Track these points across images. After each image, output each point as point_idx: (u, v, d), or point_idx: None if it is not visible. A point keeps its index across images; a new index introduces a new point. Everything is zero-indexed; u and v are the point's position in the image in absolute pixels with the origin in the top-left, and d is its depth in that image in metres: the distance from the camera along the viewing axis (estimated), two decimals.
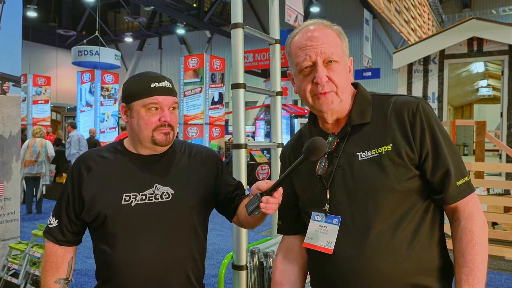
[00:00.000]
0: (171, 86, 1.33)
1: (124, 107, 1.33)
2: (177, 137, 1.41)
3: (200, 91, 11.08)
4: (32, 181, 7.27)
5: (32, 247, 3.57)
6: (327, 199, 1.15)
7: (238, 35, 2.17)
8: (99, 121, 14.50)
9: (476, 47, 6.57)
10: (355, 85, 1.24)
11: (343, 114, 1.18)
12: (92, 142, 10.58)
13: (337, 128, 1.20)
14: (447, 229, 1.19)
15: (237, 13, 2.18)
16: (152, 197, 1.31)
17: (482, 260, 1.06)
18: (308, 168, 1.20)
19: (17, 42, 4.00)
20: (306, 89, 1.15)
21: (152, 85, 1.28)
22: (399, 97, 1.17)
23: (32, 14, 23.38)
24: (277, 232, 1.37)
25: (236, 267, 2.17)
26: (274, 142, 2.51)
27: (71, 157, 7.66)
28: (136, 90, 1.29)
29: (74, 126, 7.99)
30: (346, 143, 1.15)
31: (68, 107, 24.44)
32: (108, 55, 17.12)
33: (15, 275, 3.70)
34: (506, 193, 5.87)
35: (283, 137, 2.53)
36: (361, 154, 1.12)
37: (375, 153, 1.10)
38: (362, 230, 1.09)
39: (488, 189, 5.95)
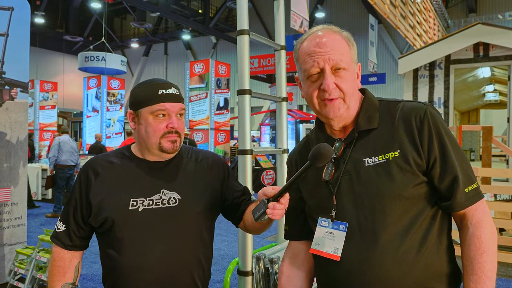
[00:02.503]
0: (178, 93, 1.34)
1: (132, 114, 1.34)
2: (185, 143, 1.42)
3: (206, 97, 11.12)
4: None
5: (38, 252, 3.59)
6: (334, 205, 1.15)
7: (243, 41, 2.18)
8: (105, 126, 14.59)
9: (482, 52, 6.55)
10: (362, 91, 1.24)
11: (350, 120, 1.18)
12: (98, 147, 10.64)
13: (344, 134, 1.20)
14: (455, 235, 1.19)
15: (242, 20, 2.20)
16: (159, 202, 1.32)
17: (491, 267, 1.05)
18: (315, 173, 1.20)
19: (25, 49, 4.05)
20: (313, 95, 1.15)
21: (160, 92, 1.29)
22: (406, 103, 1.16)
23: (39, 20, 23.64)
24: (284, 238, 1.37)
25: (242, 273, 2.16)
26: (279, 148, 2.51)
27: (48, 161, 7.69)
28: (143, 97, 1.30)
29: (64, 131, 7.96)
30: (353, 148, 1.15)
31: (75, 113, 24.62)
32: (114, 60, 17.26)
33: (22, 280, 3.71)
34: None
35: (289, 142, 2.53)
36: (368, 160, 1.12)
37: (382, 159, 1.10)
38: (370, 236, 1.08)
39: (495, 195, 5.90)
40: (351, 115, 1.17)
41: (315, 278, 1.29)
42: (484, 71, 9.42)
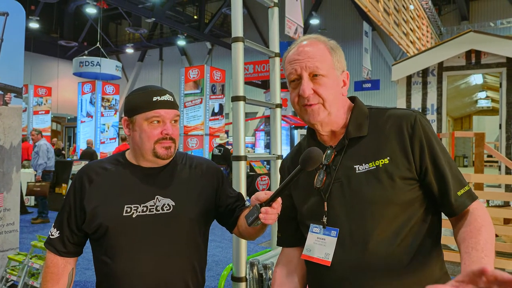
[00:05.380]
0: (172, 100, 1.35)
1: (127, 121, 1.35)
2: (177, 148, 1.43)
3: (201, 102, 11.14)
4: None
5: (31, 258, 3.56)
6: (325, 211, 1.16)
7: (238, 48, 2.20)
8: (99, 131, 14.54)
9: (474, 60, 6.63)
10: (352, 98, 1.26)
11: (338, 127, 1.20)
12: (89, 152, 10.62)
13: (334, 141, 1.22)
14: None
15: (237, 27, 2.21)
16: (153, 208, 1.32)
17: (489, 236, 1.01)
18: (306, 180, 1.21)
19: (20, 54, 4.04)
20: (295, 101, 1.19)
21: (154, 98, 1.30)
22: (396, 110, 1.19)
23: (34, 25, 23.56)
24: (277, 244, 1.38)
25: (236, 279, 2.17)
26: (273, 154, 2.52)
27: (38, 168, 7.35)
28: (138, 104, 1.31)
29: (42, 135, 7.84)
30: (344, 156, 1.17)
31: (69, 118, 24.51)
32: (109, 66, 17.25)
33: (14, 286, 3.68)
34: (505, 204, 5.87)
35: (283, 148, 2.55)
36: (358, 167, 1.13)
37: (372, 166, 1.12)
38: (360, 242, 1.10)
39: (487, 201, 5.95)
40: (335, 121, 1.19)
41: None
42: (476, 78, 9.52)
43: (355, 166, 1.14)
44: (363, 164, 1.13)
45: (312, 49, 1.17)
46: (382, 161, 1.11)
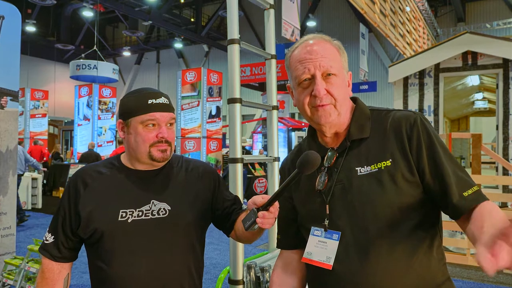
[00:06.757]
0: (168, 102, 1.34)
1: (122, 124, 1.33)
2: (174, 151, 1.42)
3: (198, 105, 11.11)
4: None
5: (27, 262, 3.53)
6: (327, 214, 1.14)
7: (234, 51, 2.19)
8: (96, 134, 14.50)
9: (470, 61, 6.65)
10: (354, 99, 1.24)
11: (342, 128, 1.18)
12: (94, 155, 10.58)
13: (336, 143, 1.20)
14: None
15: (233, 29, 2.21)
16: (149, 213, 1.31)
17: (502, 218, 0.94)
18: (308, 182, 1.20)
19: (16, 57, 4.02)
20: (305, 102, 1.15)
21: (149, 101, 1.29)
22: (397, 112, 1.17)
23: (30, 28, 23.53)
24: (277, 247, 1.36)
25: (233, 282, 2.15)
26: (270, 156, 2.51)
27: None
28: (133, 107, 1.30)
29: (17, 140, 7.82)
30: (345, 158, 1.15)
31: (66, 121, 24.43)
32: (106, 69, 17.23)
33: None
34: (503, 206, 5.87)
35: (280, 150, 2.54)
36: (360, 169, 1.12)
37: (374, 169, 1.10)
38: (362, 245, 1.08)
39: None
40: (342, 122, 1.17)
41: (306, 287, 1.29)
42: (473, 79, 9.55)
43: (356, 168, 1.12)
44: (365, 167, 1.12)
45: (322, 48, 1.14)
46: (384, 164, 1.10)
